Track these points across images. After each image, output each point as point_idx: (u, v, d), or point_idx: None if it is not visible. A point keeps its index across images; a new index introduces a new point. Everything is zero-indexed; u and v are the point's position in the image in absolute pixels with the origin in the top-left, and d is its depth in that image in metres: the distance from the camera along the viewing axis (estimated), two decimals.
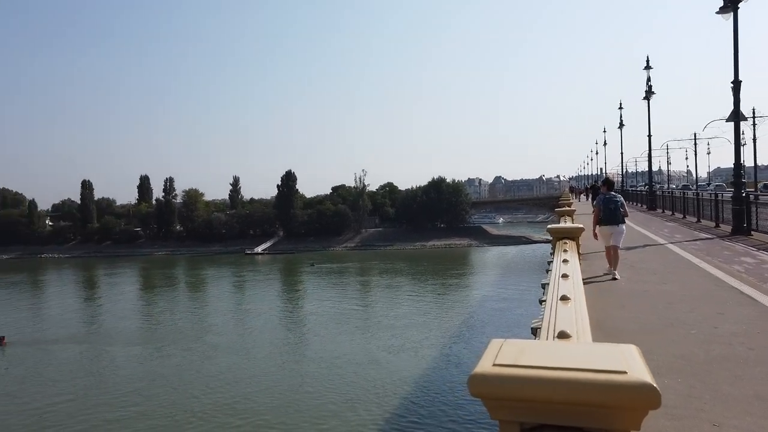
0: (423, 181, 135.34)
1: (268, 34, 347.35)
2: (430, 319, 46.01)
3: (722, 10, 17.52)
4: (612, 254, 10.91)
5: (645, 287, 10.01)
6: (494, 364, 1.34)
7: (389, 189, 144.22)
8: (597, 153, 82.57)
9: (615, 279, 10.62)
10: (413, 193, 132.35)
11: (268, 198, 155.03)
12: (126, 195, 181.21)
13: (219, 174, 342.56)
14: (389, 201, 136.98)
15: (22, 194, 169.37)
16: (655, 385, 1.17)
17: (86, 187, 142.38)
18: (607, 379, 1.19)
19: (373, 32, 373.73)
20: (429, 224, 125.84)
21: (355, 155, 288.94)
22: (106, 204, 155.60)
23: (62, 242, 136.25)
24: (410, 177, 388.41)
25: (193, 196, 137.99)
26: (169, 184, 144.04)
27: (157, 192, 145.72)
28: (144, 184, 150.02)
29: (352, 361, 34.14)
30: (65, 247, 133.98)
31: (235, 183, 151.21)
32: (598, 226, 11.13)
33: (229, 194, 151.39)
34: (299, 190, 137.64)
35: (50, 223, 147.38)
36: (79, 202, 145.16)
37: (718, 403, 4.62)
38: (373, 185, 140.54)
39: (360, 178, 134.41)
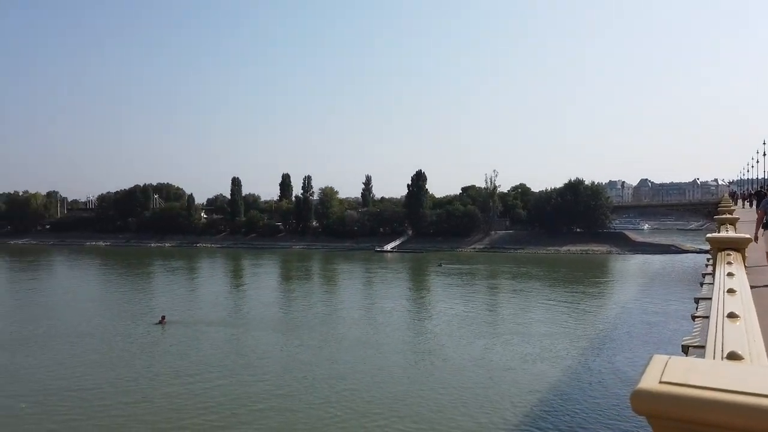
0: (558, 182, 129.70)
1: (396, 34, 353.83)
2: (567, 329, 43.71)
3: None
4: None
5: None
6: (661, 382, 1.26)
7: (521, 190, 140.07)
8: (765, 154, 73.06)
9: None
10: (547, 195, 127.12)
11: (398, 197, 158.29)
12: (270, 191, 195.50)
13: (353, 172, 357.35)
14: (521, 203, 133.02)
15: (182, 189, 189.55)
16: None
17: (235, 183, 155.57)
18: None
19: (508, 27, 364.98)
20: (564, 228, 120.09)
21: (486, 155, 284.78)
22: (252, 200, 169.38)
23: (214, 233, 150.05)
24: (545, 178, 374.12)
25: (328, 193, 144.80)
26: (307, 182, 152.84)
27: (297, 189, 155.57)
28: (285, 182, 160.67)
29: (484, 366, 33.39)
30: (216, 238, 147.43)
31: (368, 182, 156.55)
32: (762, 229, 10.83)
33: (362, 192, 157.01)
34: (429, 190, 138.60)
35: (204, 216, 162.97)
36: (229, 197, 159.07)
37: None
38: (504, 186, 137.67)
39: (491, 179, 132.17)
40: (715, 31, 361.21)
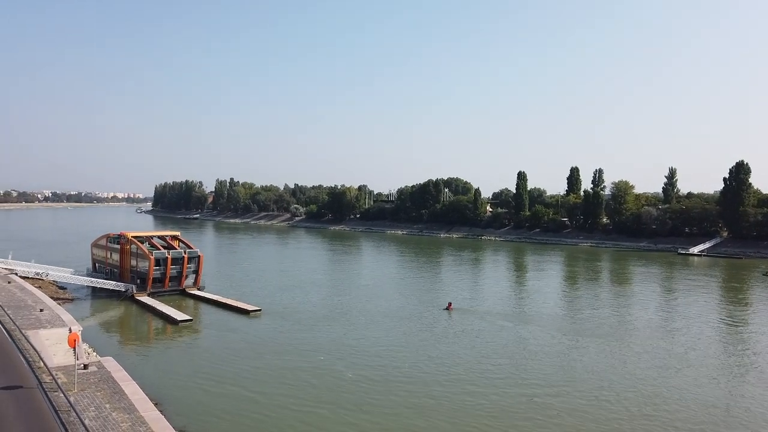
0: None
1: None
2: None
3: None
4: None
5: None
6: None
7: None
8: None
9: None
10: None
11: (710, 192, 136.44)
12: (556, 186, 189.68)
13: (652, 165, 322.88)
14: None
15: (470, 183, 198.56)
16: None
17: (521, 177, 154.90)
18: None
19: None
20: None
21: None
22: (537, 194, 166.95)
23: (498, 227, 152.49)
24: None
25: (622, 188, 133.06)
26: (597, 176, 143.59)
27: (586, 183, 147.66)
28: (573, 176, 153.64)
29: None
30: (500, 231, 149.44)
31: (671, 175, 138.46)
32: None
33: (663, 187, 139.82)
34: (753, 185, 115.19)
35: (490, 209, 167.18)
36: (514, 191, 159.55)
37: None
38: None
39: None
40: None
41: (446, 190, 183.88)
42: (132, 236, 55.83)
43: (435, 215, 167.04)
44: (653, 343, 38.19)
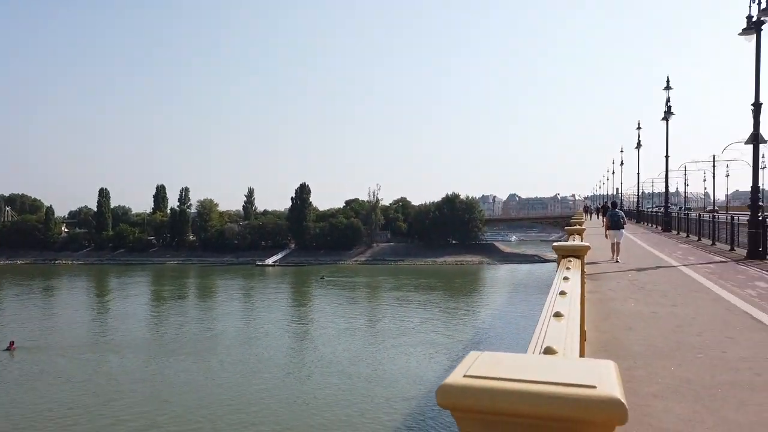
0: (437, 196, 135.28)
1: (289, 44, 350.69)
2: (437, 336, 45.60)
3: (745, 32, 17.53)
4: (615, 248, 17.32)
5: (654, 309, 9.84)
6: (465, 375, 1.27)
7: (402, 204, 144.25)
8: (613, 173, 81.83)
9: (617, 262, 16.47)
10: (426, 209, 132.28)
11: (282, 210, 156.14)
12: (142, 204, 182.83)
13: (234, 185, 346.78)
14: (402, 216, 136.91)
15: (40, 200, 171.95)
16: (622, 400, 1.10)
17: (103, 194, 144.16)
18: (575, 392, 1.14)
19: (388, 45, 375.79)
20: (441, 240, 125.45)
21: (370, 170, 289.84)
22: (122, 212, 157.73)
23: (77, 249, 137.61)
24: (424, 192, 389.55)
25: (207, 206, 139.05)
26: (184, 194, 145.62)
27: (173, 201, 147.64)
28: (159, 194, 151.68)
29: (358, 375, 34.00)
30: (79, 254, 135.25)
31: (250, 194, 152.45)
32: (607, 230, 18.39)
33: (243, 205, 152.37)
34: (312, 203, 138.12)
35: (66, 230, 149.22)
36: (95, 209, 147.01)
37: (720, 429, 4.48)
38: (386, 200, 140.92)
39: (373, 193, 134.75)
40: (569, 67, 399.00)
41: (8, 208, 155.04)
42: None
43: None
44: (240, 350, 41.87)
